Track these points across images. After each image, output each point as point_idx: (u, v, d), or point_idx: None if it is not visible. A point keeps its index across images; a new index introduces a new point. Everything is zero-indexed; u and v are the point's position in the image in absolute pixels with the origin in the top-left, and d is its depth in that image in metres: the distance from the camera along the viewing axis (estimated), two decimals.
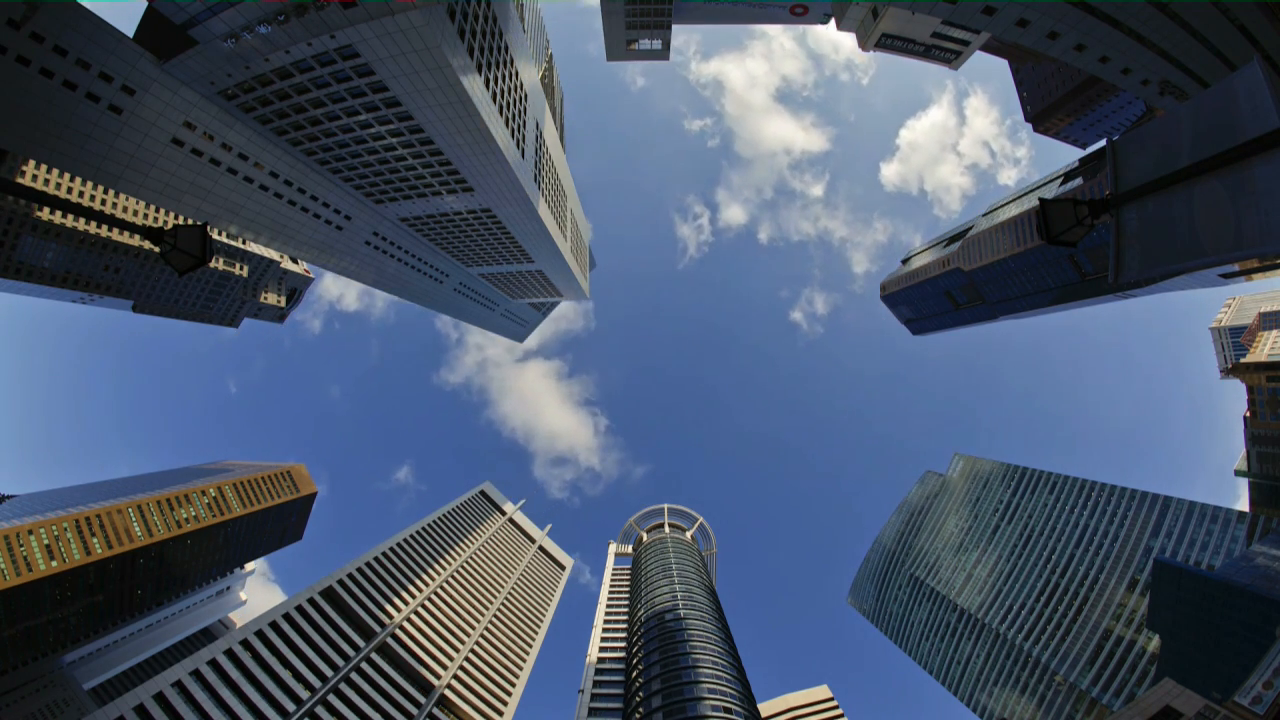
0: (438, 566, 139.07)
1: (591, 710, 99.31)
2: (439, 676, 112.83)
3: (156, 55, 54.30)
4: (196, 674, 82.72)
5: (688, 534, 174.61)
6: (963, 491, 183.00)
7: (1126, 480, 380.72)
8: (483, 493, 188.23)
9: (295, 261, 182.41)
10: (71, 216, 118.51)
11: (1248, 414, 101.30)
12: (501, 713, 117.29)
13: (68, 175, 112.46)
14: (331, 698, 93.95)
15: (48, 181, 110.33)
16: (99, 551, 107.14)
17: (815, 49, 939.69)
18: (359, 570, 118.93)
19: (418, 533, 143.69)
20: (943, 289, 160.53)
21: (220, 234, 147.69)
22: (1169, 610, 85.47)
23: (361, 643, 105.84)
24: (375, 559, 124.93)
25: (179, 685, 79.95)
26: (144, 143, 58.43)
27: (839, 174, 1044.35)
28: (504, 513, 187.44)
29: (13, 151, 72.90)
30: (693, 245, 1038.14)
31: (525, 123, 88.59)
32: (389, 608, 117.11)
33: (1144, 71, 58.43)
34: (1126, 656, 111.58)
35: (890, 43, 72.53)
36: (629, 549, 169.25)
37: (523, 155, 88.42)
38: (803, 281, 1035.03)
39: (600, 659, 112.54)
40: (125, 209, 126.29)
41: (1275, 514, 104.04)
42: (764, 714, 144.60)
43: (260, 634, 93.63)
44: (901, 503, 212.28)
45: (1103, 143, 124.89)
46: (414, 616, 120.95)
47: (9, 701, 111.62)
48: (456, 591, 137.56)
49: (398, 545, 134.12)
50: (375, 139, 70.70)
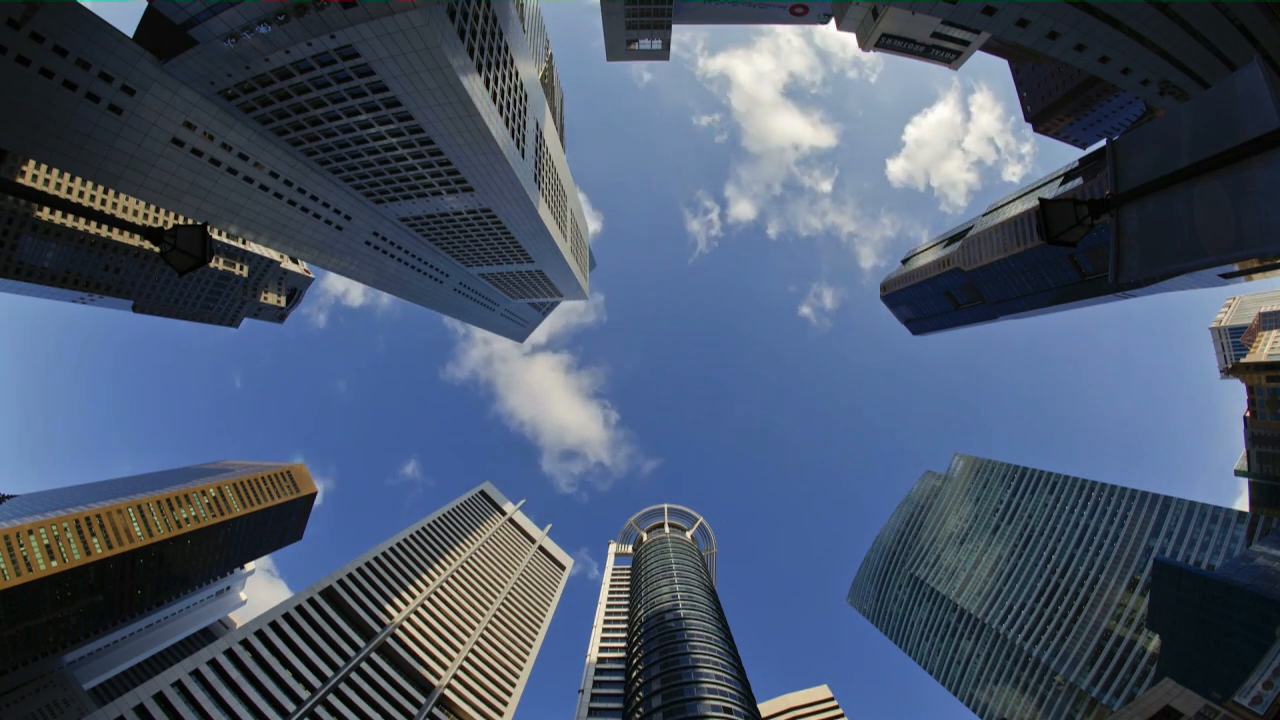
0: (438, 567, 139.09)
1: (591, 710, 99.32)
2: (439, 676, 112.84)
3: (156, 55, 54.29)
4: (196, 674, 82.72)
5: (688, 534, 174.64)
6: (963, 491, 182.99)
7: (1126, 480, 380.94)
8: (483, 493, 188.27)
9: (295, 261, 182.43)
10: (71, 216, 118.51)
11: (1248, 414, 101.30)
12: (501, 713, 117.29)
13: (68, 175, 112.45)
14: (331, 698, 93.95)
15: (48, 181, 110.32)
16: (99, 551, 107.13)
17: (823, 46, 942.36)
18: (359, 570, 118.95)
19: (418, 533, 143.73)
20: (943, 289, 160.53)
21: (220, 234, 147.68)
22: (1169, 610, 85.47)
23: (361, 643, 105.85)
24: (375, 559, 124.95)
25: (179, 685, 79.95)
26: (144, 143, 58.43)
27: (847, 170, 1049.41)
28: (504, 513, 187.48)
29: (13, 151, 72.90)
30: (702, 241, 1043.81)
31: (525, 123, 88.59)
32: (389, 608, 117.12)
33: (1144, 71, 58.44)
34: (1126, 656, 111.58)
35: (890, 43, 72.54)
36: (629, 549, 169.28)
37: (523, 155, 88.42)
38: (811, 277, 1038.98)
39: (600, 659, 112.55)
40: (125, 209, 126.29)
41: (1275, 514, 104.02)
42: (764, 714, 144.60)
43: (260, 634, 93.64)
44: (901, 502, 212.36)
45: (1103, 143, 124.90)
46: (414, 616, 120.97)
47: (9, 701, 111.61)
48: (456, 592, 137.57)
49: (398, 545, 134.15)
50: (375, 139, 70.70)
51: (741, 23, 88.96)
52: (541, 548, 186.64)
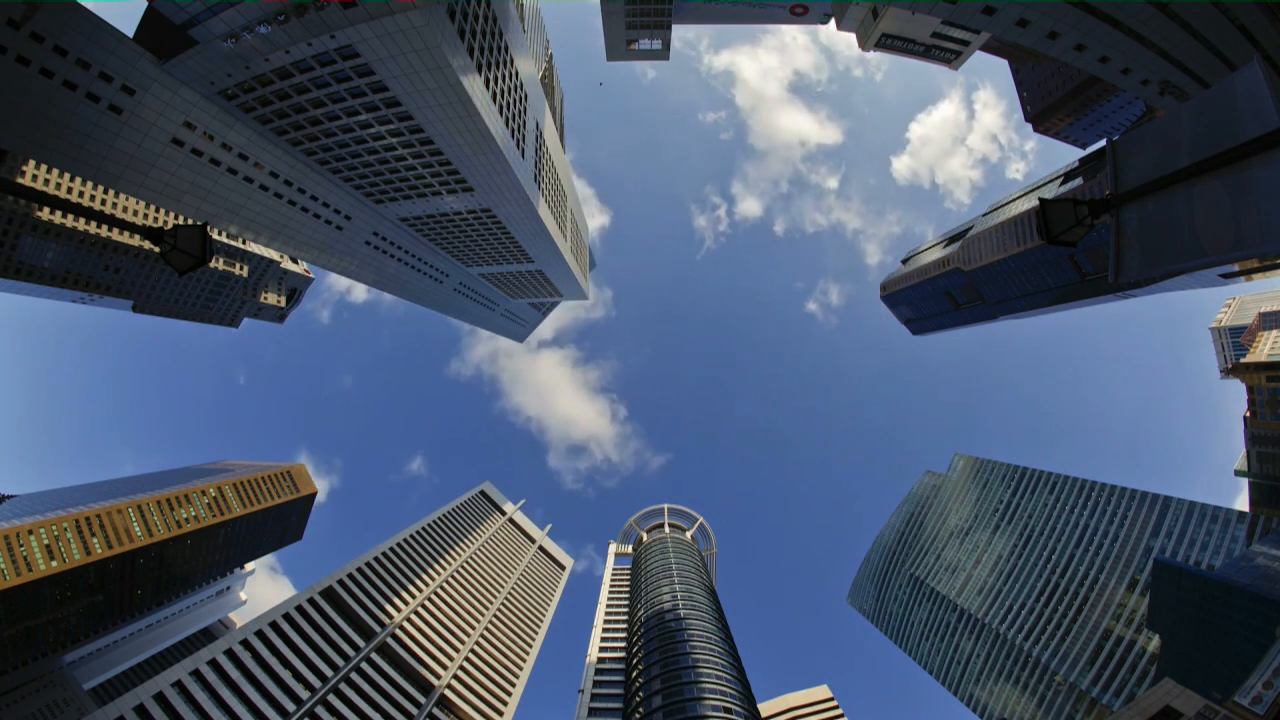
0: (438, 567, 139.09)
1: (591, 710, 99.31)
2: (439, 676, 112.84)
3: (156, 55, 54.29)
4: (196, 674, 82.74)
5: (688, 534, 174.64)
6: (963, 491, 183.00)
7: (1126, 480, 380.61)
8: (483, 493, 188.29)
9: (295, 261, 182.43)
10: (71, 216, 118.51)
11: (1248, 414, 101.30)
12: (501, 713, 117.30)
13: (68, 175, 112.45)
14: (331, 698, 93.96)
15: (48, 181, 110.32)
16: (99, 551, 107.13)
17: (828, 44, 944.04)
18: (359, 570, 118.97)
19: (417, 533, 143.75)
20: (942, 289, 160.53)
21: (220, 234, 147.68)
22: (1169, 610, 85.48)
23: (361, 643, 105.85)
24: (375, 559, 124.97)
25: (179, 685, 79.96)
26: (144, 143, 58.43)
27: (853, 166, 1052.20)
28: (504, 513, 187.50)
29: (13, 151, 72.90)
30: (710, 237, 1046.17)
31: (525, 123, 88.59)
32: (389, 608, 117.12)
33: (1144, 71, 58.44)
34: (1126, 656, 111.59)
35: (890, 43, 72.54)
36: (629, 549, 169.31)
37: (523, 155, 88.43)
38: (818, 273, 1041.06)
39: (600, 659, 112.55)
40: (125, 209, 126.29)
41: (1275, 514, 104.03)
42: (764, 714, 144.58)
43: (260, 634, 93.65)
44: (901, 502, 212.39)
45: (1103, 143, 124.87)
46: (414, 616, 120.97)
47: (9, 701, 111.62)
48: (456, 592, 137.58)
49: (397, 545, 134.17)
50: (375, 139, 70.70)
51: (741, 23, 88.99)
52: (541, 548, 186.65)
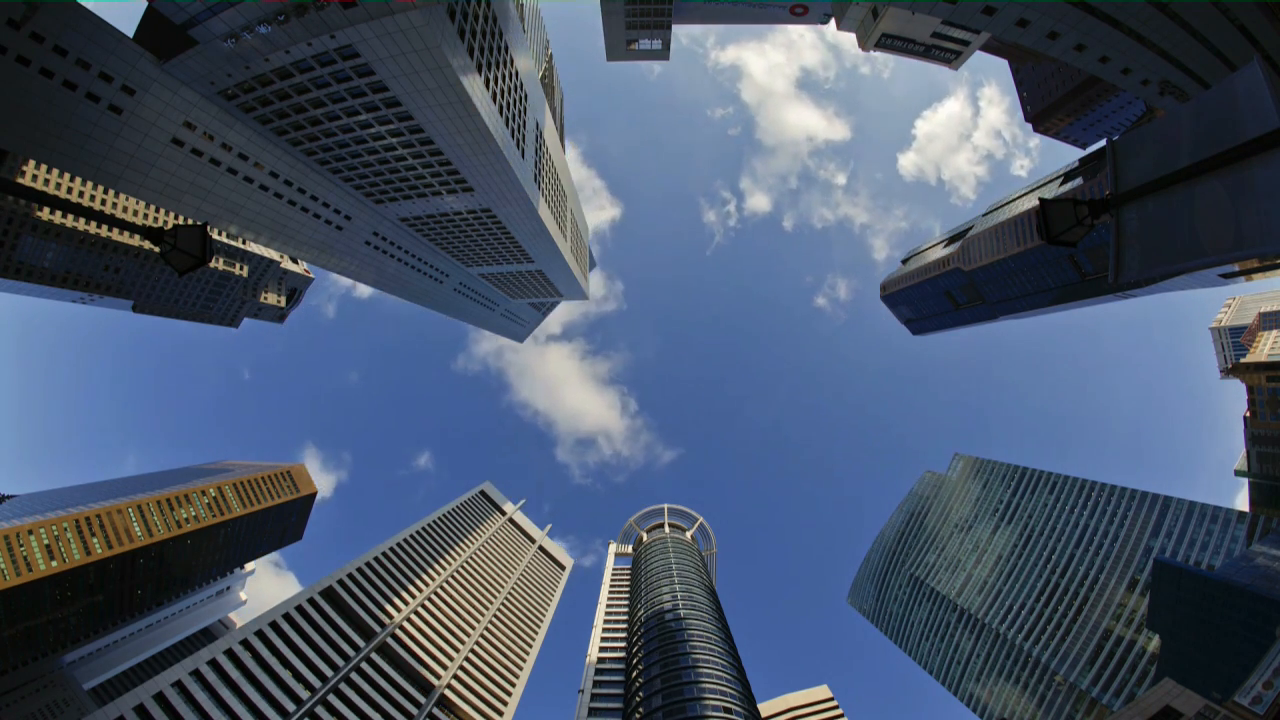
0: (438, 567, 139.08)
1: (591, 710, 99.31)
2: (439, 676, 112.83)
3: (156, 55, 54.28)
4: (196, 674, 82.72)
5: (688, 534, 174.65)
6: (963, 491, 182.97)
7: (1126, 480, 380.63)
8: (483, 493, 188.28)
9: (295, 261, 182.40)
10: (71, 216, 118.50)
11: (1248, 414, 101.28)
12: (501, 713, 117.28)
13: (68, 175, 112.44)
14: (331, 698, 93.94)
15: (48, 181, 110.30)
16: (99, 551, 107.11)
17: (835, 41, 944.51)
18: (359, 570, 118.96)
19: (417, 533, 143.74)
20: (942, 289, 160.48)
21: (220, 234, 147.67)
22: (1169, 610, 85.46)
23: (361, 643, 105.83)
24: (375, 559, 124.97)
25: (179, 685, 79.96)
26: (144, 143, 58.41)
27: (860, 163, 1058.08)
28: (504, 513, 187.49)
29: (13, 151, 72.89)
30: (720, 232, 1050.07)
31: (525, 123, 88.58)
32: (389, 608, 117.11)
33: (1144, 71, 58.43)
34: (1126, 656, 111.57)
35: (890, 43, 72.52)
36: (629, 549, 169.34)
37: (523, 155, 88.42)
38: (826, 268, 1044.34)
39: (600, 659, 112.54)
40: (125, 209, 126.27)
41: (1275, 514, 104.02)
42: (764, 714, 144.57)
43: (260, 634, 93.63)
44: (902, 502, 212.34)
45: (1103, 143, 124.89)
46: (414, 616, 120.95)
47: (9, 701, 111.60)
48: (456, 592, 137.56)
49: (397, 545, 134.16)
50: (375, 139, 70.69)
51: (742, 23, 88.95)
52: (541, 548, 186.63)
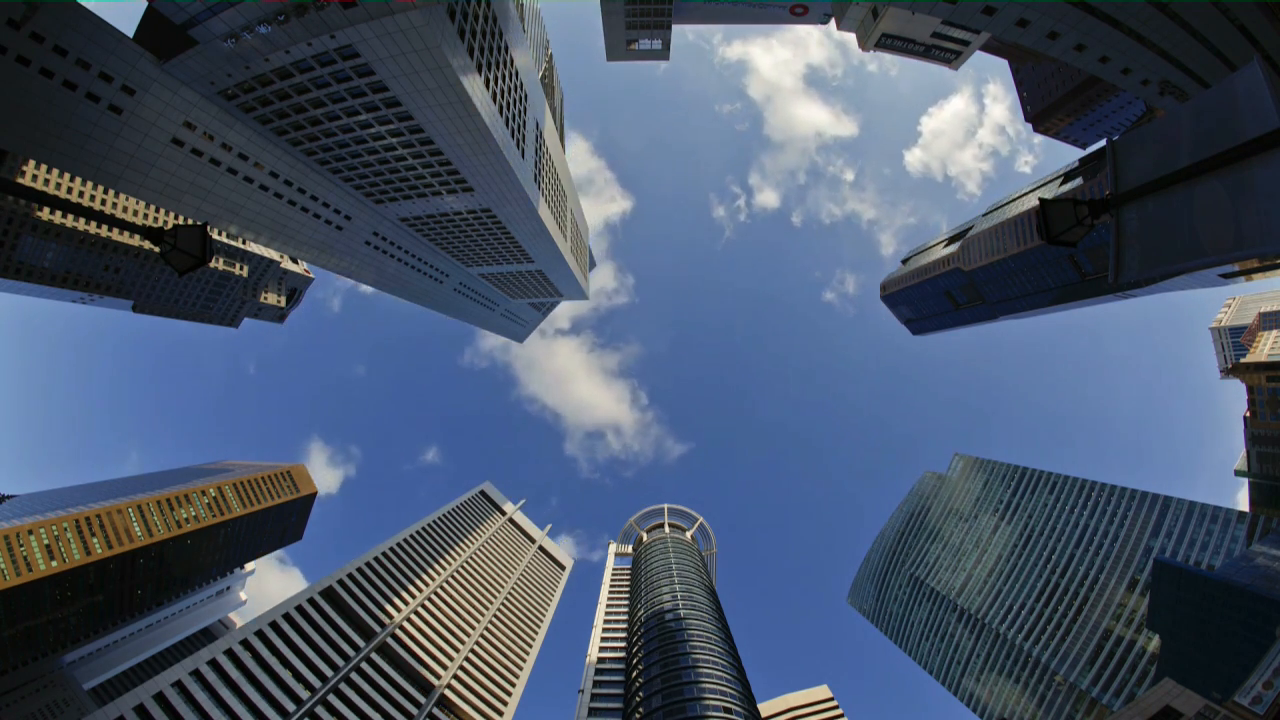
0: (438, 567, 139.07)
1: (591, 710, 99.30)
2: (439, 676, 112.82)
3: (156, 55, 54.27)
4: (196, 674, 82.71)
5: (688, 534, 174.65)
6: (963, 491, 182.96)
7: (1126, 480, 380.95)
8: (482, 493, 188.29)
9: (295, 261, 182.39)
10: (71, 216, 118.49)
11: (1248, 414, 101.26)
12: (501, 713, 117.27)
13: (68, 175, 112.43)
14: (331, 698, 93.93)
15: (48, 181, 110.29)
16: (99, 551, 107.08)
17: (841, 38, 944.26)
18: (359, 570, 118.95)
19: (417, 533, 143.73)
20: (942, 289, 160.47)
21: (220, 234, 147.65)
22: (1169, 610, 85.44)
23: (361, 643, 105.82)
24: (375, 559, 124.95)
25: (179, 685, 79.94)
26: (144, 143, 58.41)
27: (867, 159, 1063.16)
28: (504, 513, 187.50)
29: (13, 151, 72.88)
30: (730, 227, 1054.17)
31: (525, 123, 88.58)
32: (389, 608, 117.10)
33: (1144, 71, 58.42)
34: (1126, 656, 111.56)
35: (890, 43, 72.51)
36: (629, 549, 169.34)
37: (523, 155, 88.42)
38: (834, 263, 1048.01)
39: (600, 659, 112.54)
40: (125, 209, 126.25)
41: (1275, 514, 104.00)
42: (764, 714, 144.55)
43: (260, 634, 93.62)
44: (902, 502, 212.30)
45: (1103, 143, 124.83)
46: (414, 616, 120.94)
47: (9, 701, 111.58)
48: (456, 592, 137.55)
49: (397, 545, 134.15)
50: (375, 139, 70.69)
51: (742, 23, 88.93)
52: (541, 548, 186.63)
